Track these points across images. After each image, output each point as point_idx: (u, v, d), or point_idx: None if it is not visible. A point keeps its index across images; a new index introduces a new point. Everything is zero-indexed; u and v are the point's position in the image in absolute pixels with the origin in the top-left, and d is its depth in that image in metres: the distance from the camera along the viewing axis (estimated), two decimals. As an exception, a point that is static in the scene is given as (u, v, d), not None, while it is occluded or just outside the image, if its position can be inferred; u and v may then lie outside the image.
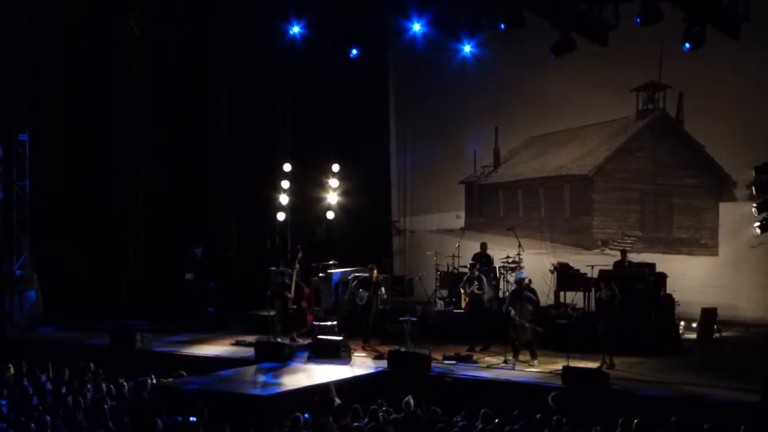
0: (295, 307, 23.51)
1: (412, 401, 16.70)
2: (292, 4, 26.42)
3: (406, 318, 21.85)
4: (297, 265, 23.74)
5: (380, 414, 16.06)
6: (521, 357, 20.81)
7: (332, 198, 28.31)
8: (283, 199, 26.69)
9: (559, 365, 19.33)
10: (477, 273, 22.69)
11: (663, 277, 23.29)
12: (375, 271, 23.47)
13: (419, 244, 28.84)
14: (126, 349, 22.46)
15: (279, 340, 22.51)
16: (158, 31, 28.07)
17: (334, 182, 28.30)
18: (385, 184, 29.47)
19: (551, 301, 24.00)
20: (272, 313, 23.18)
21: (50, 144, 28.11)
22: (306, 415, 15.79)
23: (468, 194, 28.85)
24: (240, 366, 20.67)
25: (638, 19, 22.22)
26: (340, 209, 28.37)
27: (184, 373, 19.50)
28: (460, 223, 28.52)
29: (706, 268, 25.20)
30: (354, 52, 26.85)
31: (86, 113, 28.13)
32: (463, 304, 23.08)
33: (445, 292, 25.27)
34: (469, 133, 28.31)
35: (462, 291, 22.99)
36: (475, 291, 22.33)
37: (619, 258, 23.95)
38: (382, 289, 23.33)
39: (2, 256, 25.67)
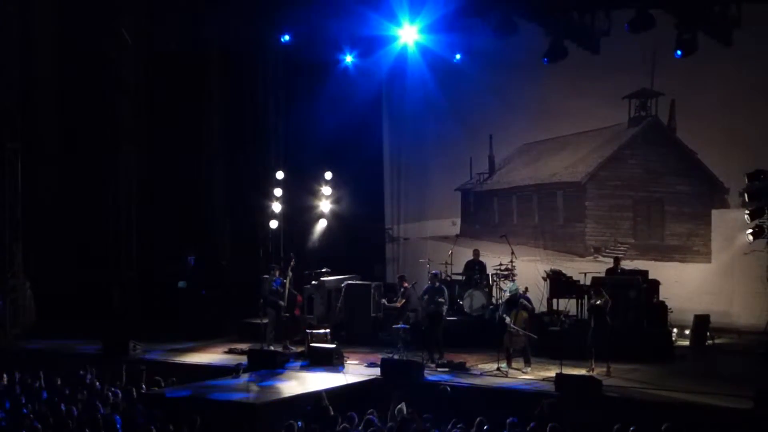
0: (288, 315, 23.50)
1: (404, 408, 16.70)
2: (286, 11, 26.42)
3: (399, 325, 21.87)
4: (290, 273, 23.74)
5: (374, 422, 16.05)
6: (514, 364, 20.81)
7: (325, 206, 28.33)
8: (276, 206, 26.65)
9: (552, 372, 19.33)
10: (438, 284, 22.44)
11: (656, 284, 23.32)
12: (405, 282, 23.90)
13: (413, 252, 28.84)
14: (118, 358, 22.41)
15: (272, 347, 22.54)
16: (150, 37, 28.00)
17: (326, 190, 28.31)
18: (379, 191, 29.49)
19: (544, 308, 24.01)
20: (265, 321, 23.19)
21: (43, 151, 28.05)
22: (299, 423, 15.77)
23: (464, 201, 28.90)
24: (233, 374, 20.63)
25: (627, 27, 22.29)
26: (333, 217, 28.38)
27: (161, 380, 19.49)
28: (456, 230, 28.56)
29: (698, 275, 25.23)
30: (348, 59, 26.88)
31: (79, 121, 28.09)
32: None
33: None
34: (463, 140, 28.34)
35: (420, 302, 22.76)
36: (440, 301, 22.12)
37: (612, 265, 23.95)
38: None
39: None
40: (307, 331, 22.93)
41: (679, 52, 22.61)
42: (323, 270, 26.09)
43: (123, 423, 15.84)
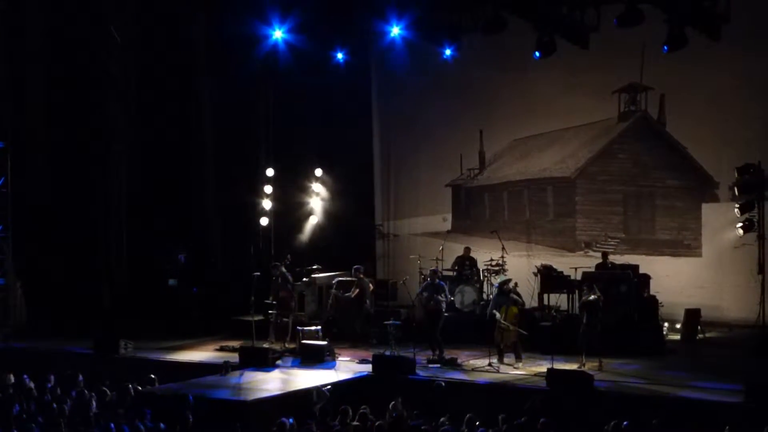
0: (275, 312, 23.45)
1: (400, 405, 16.71)
2: (275, 9, 26.38)
3: (390, 322, 21.84)
4: (283, 270, 23.73)
5: (369, 418, 16.06)
6: (506, 360, 20.82)
7: (315, 202, 28.35)
8: (266, 204, 26.66)
9: (543, 367, 19.35)
10: (437, 281, 22.12)
11: (646, 278, 23.36)
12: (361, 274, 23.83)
13: (403, 248, 28.84)
14: (110, 356, 22.40)
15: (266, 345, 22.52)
16: (139, 36, 27.94)
17: (317, 186, 28.33)
18: (369, 188, 29.50)
19: (535, 303, 24.04)
20: (258, 318, 23.09)
21: (33, 151, 27.97)
22: (291, 420, 15.78)
23: (455, 197, 28.88)
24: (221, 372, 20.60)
25: (616, 21, 22.31)
26: (323, 214, 28.39)
27: (154, 377, 19.50)
28: (447, 225, 28.53)
29: (689, 269, 25.27)
30: (339, 56, 26.85)
31: (69, 121, 27.99)
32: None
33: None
34: (453, 135, 28.33)
35: (420, 299, 22.66)
36: (440, 298, 22.03)
37: (601, 260, 23.97)
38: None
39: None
40: (298, 328, 22.90)
41: (666, 48, 22.63)
42: (314, 267, 26.12)
43: (114, 422, 15.84)
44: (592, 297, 20.52)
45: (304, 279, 25.51)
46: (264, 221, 26.69)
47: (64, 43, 27.77)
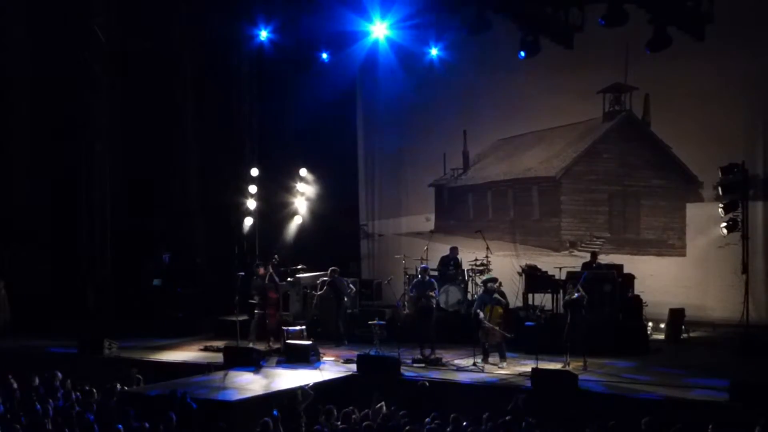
0: (261, 312, 23.42)
1: (384, 407, 16.72)
2: (260, 8, 26.36)
3: (375, 321, 21.83)
4: (270, 269, 23.73)
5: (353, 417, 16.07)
6: (490, 359, 20.83)
7: (300, 202, 28.31)
8: (251, 203, 26.63)
9: (528, 367, 19.37)
10: (428, 278, 22.22)
11: (631, 278, 23.40)
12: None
13: (388, 248, 28.83)
14: (94, 356, 22.33)
15: (251, 345, 22.47)
16: (123, 35, 27.85)
17: (302, 186, 28.30)
18: (353, 188, 29.47)
19: (520, 303, 24.05)
20: (242, 318, 23.05)
21: (15, 150, 27.88)
22: (275, 412, 15.80)
23: (438, 197, 28.87)
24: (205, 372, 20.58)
25: (602, 21, 22.36)
26: (308, 214, 28.36)
27: (136, 371, 19.46)
28: (430, 225, 28.50)
29: (673, 268, 25.31)
30: (324, 56, 26.83)
31: (52, 119, 27.90)
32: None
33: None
34: (437, 135, 28.33)
35: (411, 297, 22.66)
36: (431, 295, 22.07)
37: (588, 259, 23.98)
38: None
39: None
40: (283, 328, 22.88)
41: (648, 50, 22.74)
42: (299, 267, 26.10)
43: (98, 422, 15.80)
44: (576, 295, 20.54)
45: (289, 279, 25.49)
46: (248, 221, 26.66)
47: (47, 42, 27.65)
